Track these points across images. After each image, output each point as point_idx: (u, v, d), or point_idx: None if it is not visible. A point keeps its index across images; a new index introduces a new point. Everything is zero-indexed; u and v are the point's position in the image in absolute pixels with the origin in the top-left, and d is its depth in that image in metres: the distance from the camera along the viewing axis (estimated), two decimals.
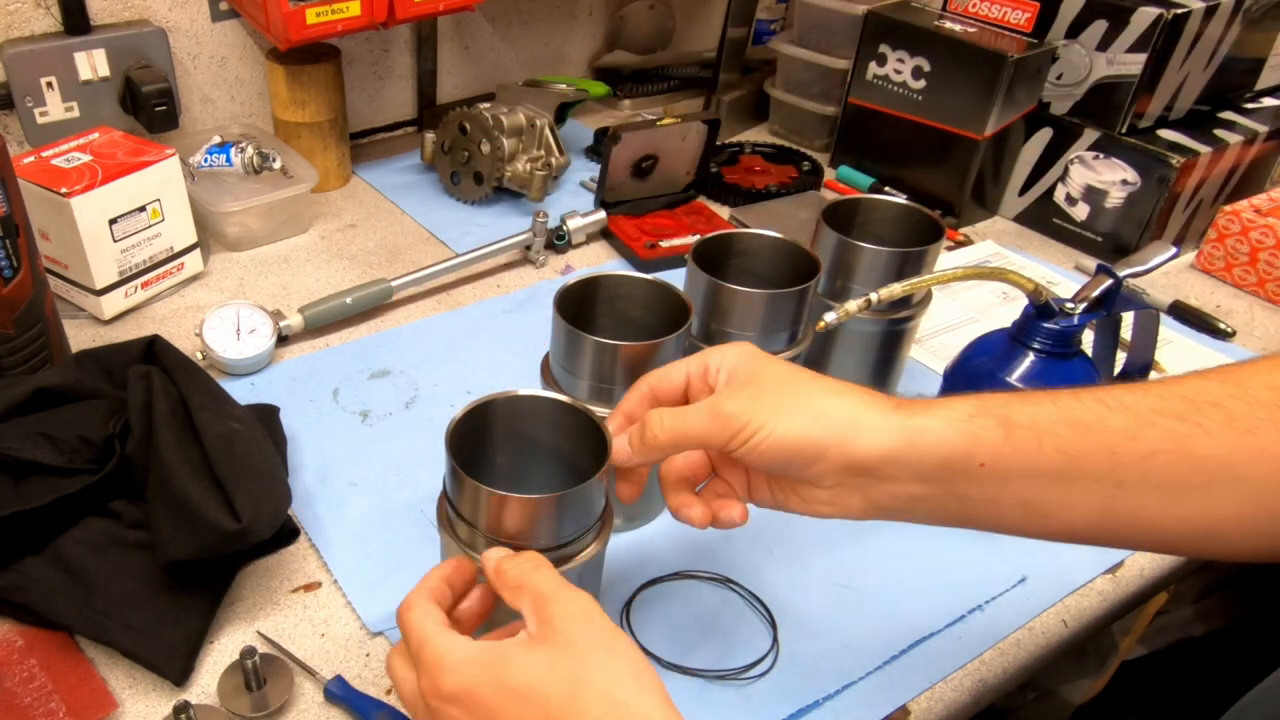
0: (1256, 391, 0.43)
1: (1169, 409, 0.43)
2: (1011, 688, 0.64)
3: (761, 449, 0.46)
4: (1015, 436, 0.44)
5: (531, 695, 0.41)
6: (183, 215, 0.90)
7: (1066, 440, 0.44)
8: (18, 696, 0.54)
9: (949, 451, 0.45)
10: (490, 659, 0.42)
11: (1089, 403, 0.45)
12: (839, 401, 0.47)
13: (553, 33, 1.33)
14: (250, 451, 0.62)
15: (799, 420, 0.46)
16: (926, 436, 0.45)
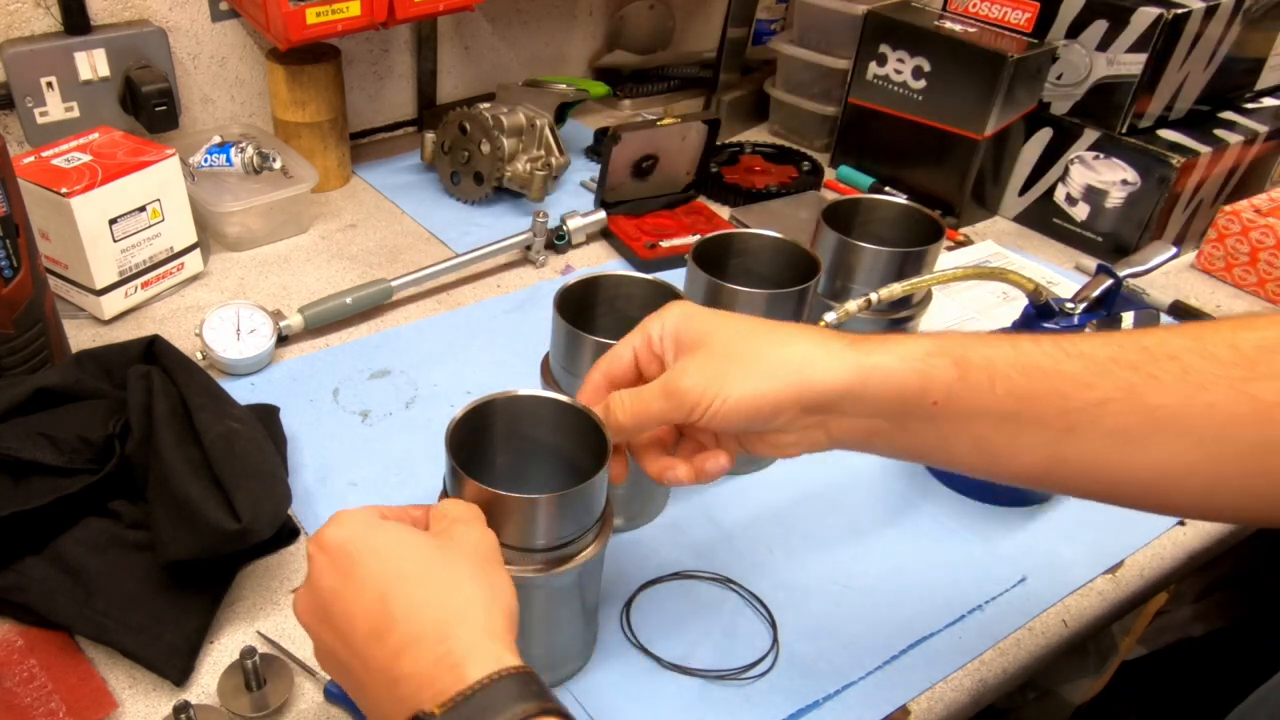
0: (1216, 348, 0.43)
1: (1126, 359, 0.44)
2: (1011, 688, 0.64)
3: (722, 415, 0.47)
4: (969, 377, 0.45)
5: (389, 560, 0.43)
6: (183, 215, 0.90)
7: (1019, 384, 0.45)
8: (18, 696, 0.54)
9: (902, 388, 0.46)
10: (373, 521, 0.45)
11: (1047, 348, 0.45)
12: (789, 351, 0.47)
13: (553, 33, 1.33)
14: (250, 451, 0.62)
15: (752, 381, 0.47)
16: (880, 374, 0.46)
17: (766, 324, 0.50)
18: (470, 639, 0.40)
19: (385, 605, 0.41)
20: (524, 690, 0.39)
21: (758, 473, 0.76)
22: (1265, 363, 0.42)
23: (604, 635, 0.61)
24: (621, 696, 0.58)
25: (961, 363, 0.45)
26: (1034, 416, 0.45)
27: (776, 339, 0.48)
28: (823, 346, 0.47)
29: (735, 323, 0.50)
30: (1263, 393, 0.42)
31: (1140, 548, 0.71)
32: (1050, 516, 0.73)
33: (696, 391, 0.47)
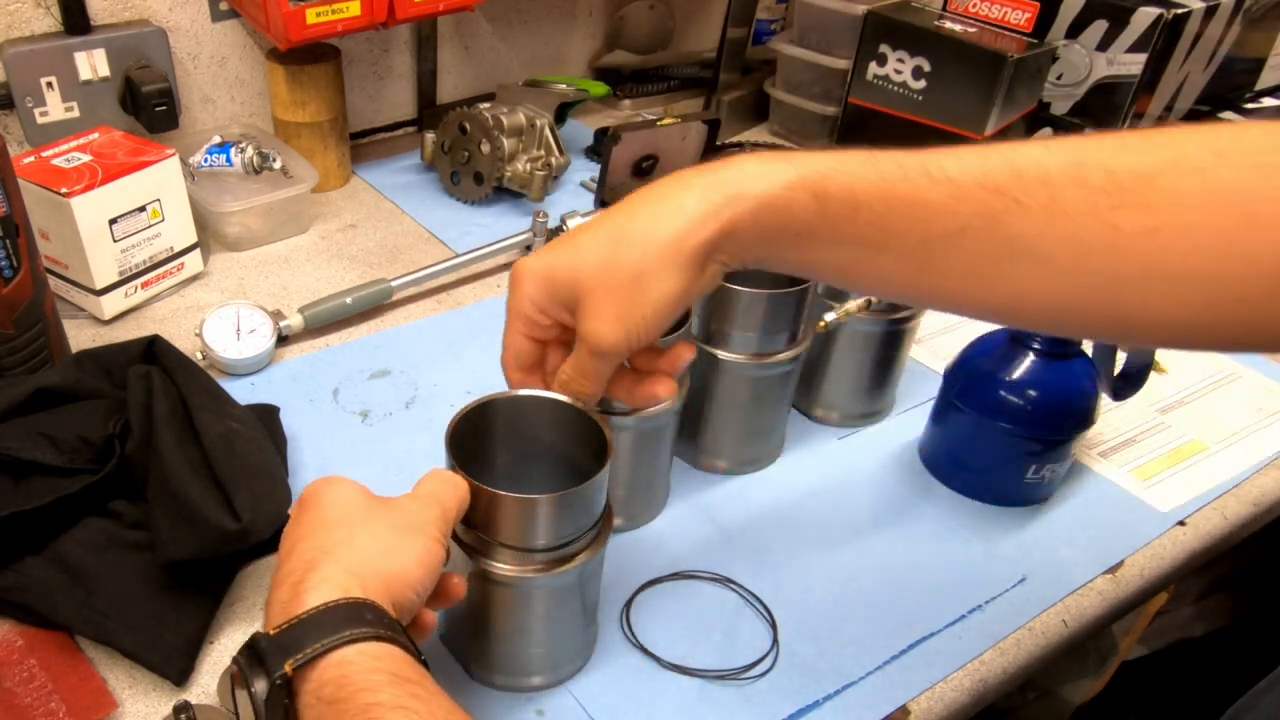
0: (1091, 173, 0.43)
1: (993, 183, 0.44)
2: (1011, 688, 0.64)
3: (649, 333, 0.48)
4: (829, 210, 0.46)
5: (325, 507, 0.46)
6: (183, 215, 0.90)
7: (879, 213, 0.45)
8: (18, 696, 0.54)
9: (767, 227, 0.47)
10: (340, 479, 0.48)
11: (913, 173, 0.45)
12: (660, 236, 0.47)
13: (553, 33, 1.33)
14: (250, 451, 0.62)
15: (652, 295, 0.47)
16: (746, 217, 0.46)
17: (616, 222, 0.49)
18: (327, 572, 0.42)
19: (294, 546, 0.45)
20: (353, 616, 0.40)
21: (758, 473, 0.76)
22: (1136, 191, 0.42)
23: (604, 635, 0.62)
24: (621, 696, 0.58)
25: (821, 196, 0.46)
26: (893, 245, 0.46)
27: (641, 238, 0.47)
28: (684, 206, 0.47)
29: (589, 246, 0.49)
30: (1124, 222, 0.42)
31: (1140, 548, 0.71)
32: (1050, 516, 0.73)
33: (617, 335, 0.48)
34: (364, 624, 0.40)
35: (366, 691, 0.38)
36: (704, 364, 0.70)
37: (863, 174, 0.46)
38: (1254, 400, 0.87)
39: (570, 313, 0.50)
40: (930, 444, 0.77)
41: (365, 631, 0.40)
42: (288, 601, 0.42)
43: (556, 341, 0.54)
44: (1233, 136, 0.42)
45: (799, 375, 0.75)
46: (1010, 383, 0.69)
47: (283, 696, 0.39)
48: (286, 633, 0.40)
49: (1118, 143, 0.44)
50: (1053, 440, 0.70)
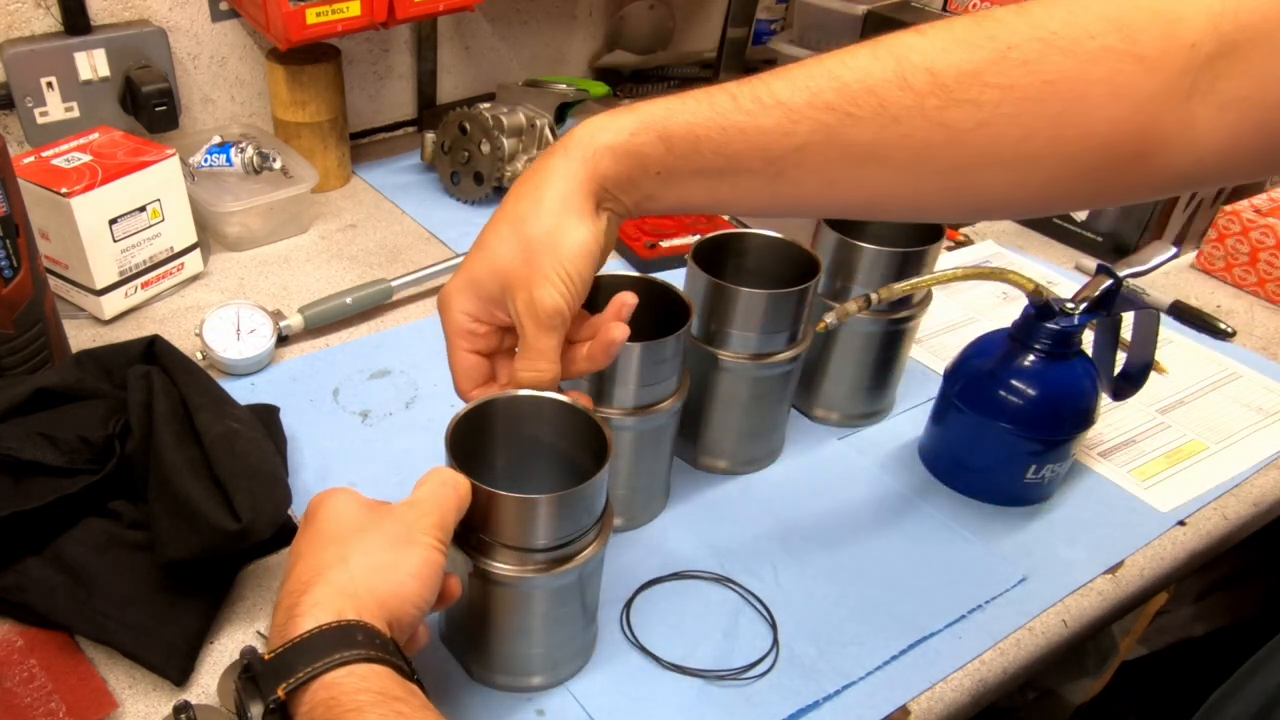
0: (915, 77, 0.45)
1: (823, 101, 0.47)
2: (1011, 688, 0.64)
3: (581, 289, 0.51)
4: (675, 147, 0.49)
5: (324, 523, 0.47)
6: (183, 215, 0.90)
7: (722, 144, 0.48)
8: (18, 696, 0.54)
9: (628, 175, 0.51)
10: (340, 491, 0.49)
11: (746, 103, 0.48)
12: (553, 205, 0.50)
13: (553, 33, 1.33)
14: (250, 451, 0.62)
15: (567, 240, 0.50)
16: (606, 169, 0.50)
17: (506, 211, 0.52)
18: (319, 595, 0.43)
19: (295, 565, 0.46)
20: (343, 639, 0.41)
21: (758, 473, 0.76)
22: (962, 89, 0.44)
23: (604, 635, 0.62)
24: (621, 696, 0.58)
25: (665, 136, 0.49)
26: (743, 169, 0.49)
27: (530, 209, 0.50)
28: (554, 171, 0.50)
29: (494, 240, 0.51)
30: (953, 120, 0.45)
31: (1140, 548, 0.71)
32: (1050, 516, 0.73)
33: (554, 296, 0.50)
34: (354, 646, 0.41)
35: (354, 712, 0.39)
36: (704, 364, 0.70)
37: (699, 110, 0.49)
38: (1254, 400, 0.87)
39: (504, 308, 0.52)
40: (930, 444, 0.77)
41: (355, 654, 0.41)
42: (284, 625, 0.43)
43: (500, 352, 0.56)
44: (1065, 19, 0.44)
45: (799, 375, 0.75)
46: (1010, 383, 0.69)
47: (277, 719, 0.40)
48: (279, 657, 0.41)
49: (945, 40, 0.46)
50: (1053, 440, 0.70)
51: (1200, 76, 0.43)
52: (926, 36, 0.46)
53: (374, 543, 0.46)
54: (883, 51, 0.47)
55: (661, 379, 0.63)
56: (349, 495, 0.49)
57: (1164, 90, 0.43)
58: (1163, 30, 0.43)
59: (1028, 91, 0.44)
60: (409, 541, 0.46)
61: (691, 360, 0.69)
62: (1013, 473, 0.72)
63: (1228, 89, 0.43)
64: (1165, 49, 0.43)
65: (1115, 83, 0.43)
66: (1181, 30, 0.43)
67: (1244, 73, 0.42)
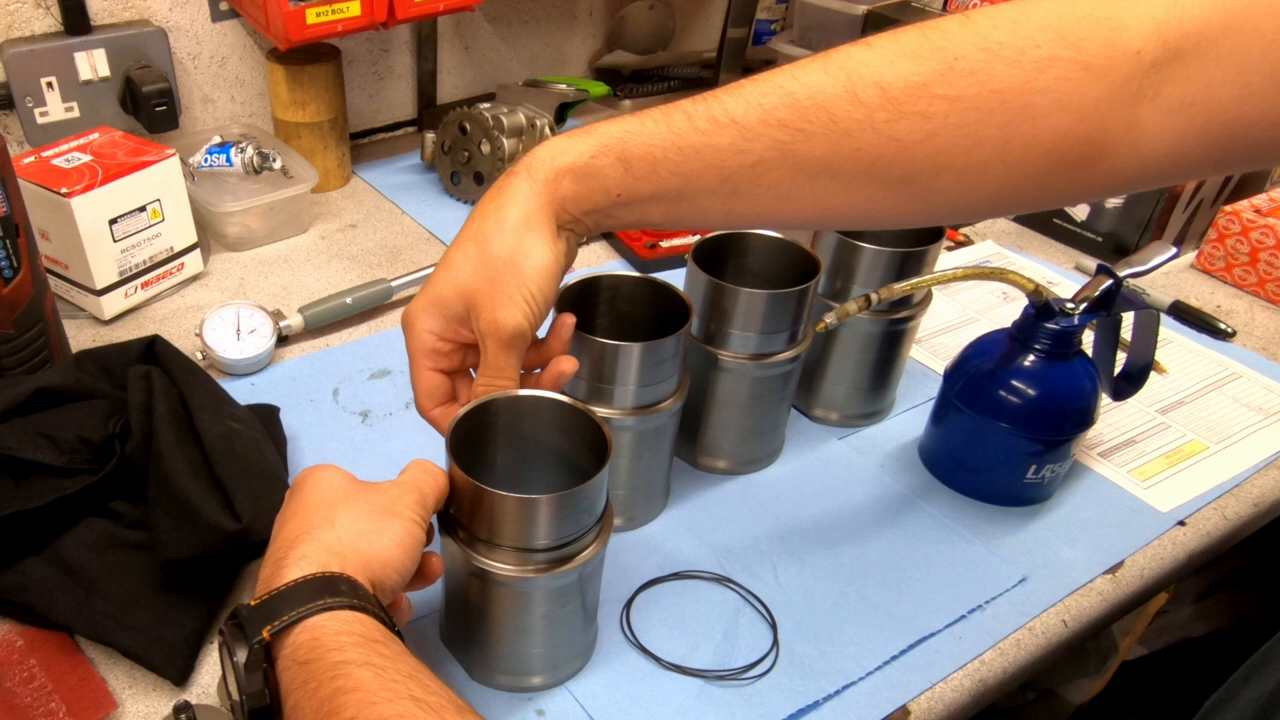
0: (864, 91, 0.46)
1: (775, 118, 0.48)
2: (1011, 688, 0.64)
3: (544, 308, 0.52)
4: (634, 169, 0.50)
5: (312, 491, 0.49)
6: (183, 215, 0.90)
7: (679, 164, 0.49)
8: (18, 696, 0.54)
9: (587, 197, 0.51)
10: (328, 466, 0.51)
11: (701, 122, 0.49)
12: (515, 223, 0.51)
13: (553, 33, 1.33)
14: (250, 451, 0.62)
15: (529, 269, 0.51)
16: (566, 191, 0.51)
17: (471, 229, 0.52)
18: (306, 550, 0.45)
19: (279, 530, 0.48)
20: (326, 587, 0.43)
21: (758, 473, 0.76)
22: (910, 102, 0.45)
23: (604, 635, 0.62)
24: (621, 696, 0.58)
25: (624, 158, 0.50)
26: (700, 188, 0.50)
27: (494, 229, 0.51)
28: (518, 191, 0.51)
29: (459, 259, 0.52)
30: (903, 133, 0.46)
31: (1140, 548, 0.71)
32: (1050, 516, 0.73)
33: (516, 316, 0.51)
34: (337, 594, 0.43)
35: (335, 651, 0.40)
36: (704, 364, 0.70)
37: (656, 131, 0.50)
38: (1254, 400, 0.87)
39: (467, 326, 0.53)
40: (930, 444, 0.77)
41: (338, 601, 0.42)
42: (269, 577, 0.44)
43: (461, 370, 0.57)
44: (1009, 30, 0.45)
45: (799, 375, 0.75)
46: (1010, 383, 0.69)
47: (261, 660, 0.42)
48: (265, 604, 0.42)
49: (892, 53, 0.47)
50: (1053, 440, 0.70)
51: (1146, 82, 0.44)
52: (874, 50, 0.47)
53: (360, 510, 0.48)
54: (833, 66, 0.48)
55: (661, 379, 0.63)
56: (334, 469, 0.51)
57: (1110, 96, 0.44)
58: (1107, 38, 0.44)
59: (975, 102, 0.45)
60: (392, 513, 0.48)
61: (691, 360, 0.69)
62: (1013, 473, 0.72)
63: (1173, 94, 0.44)
64: (1110, 56, 0.44)
65: (1061, 90, 0.44)
66: (1126, 37, 0.44)
67: (1189, 78, 0.43)
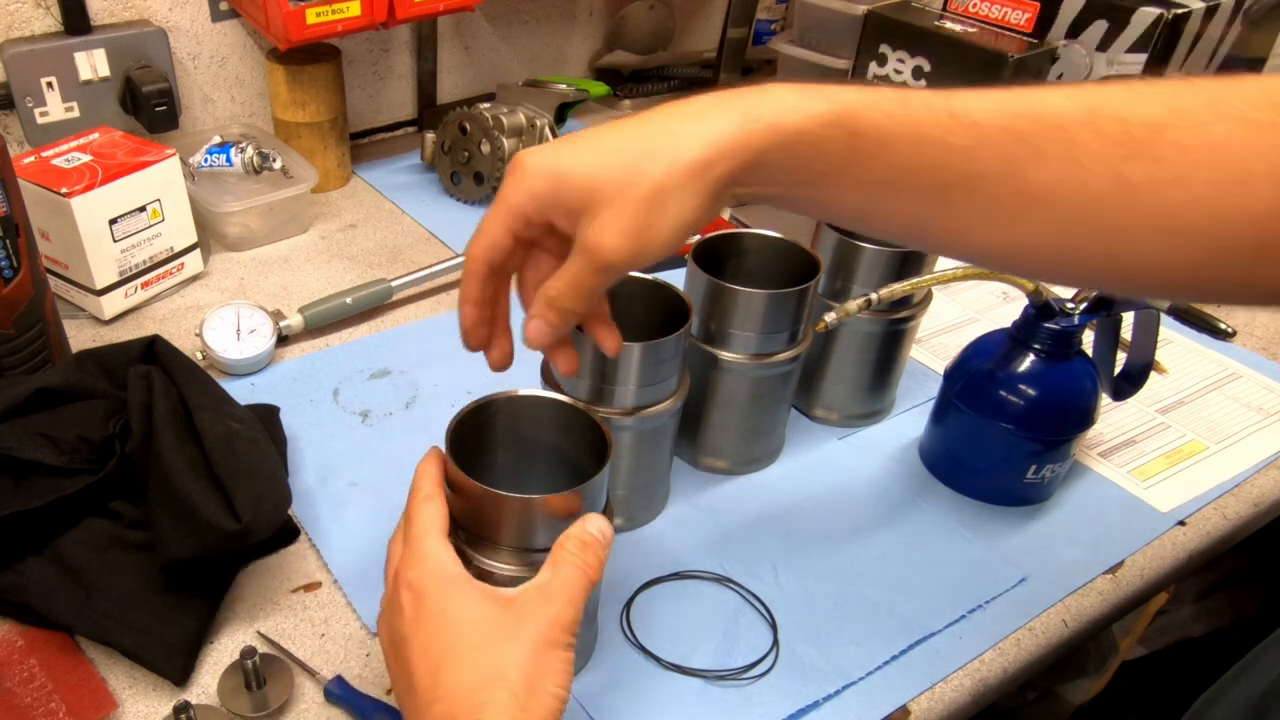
0: (1106, 123, 0.43)
1: (1016, 128, 0.44)
2: (1011, 688, 0.64)
3: (654, 256, 0.47)
4: (859, 147, 0.45)
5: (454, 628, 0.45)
6: (183, 215, 0.90)
7: (905, 155, 0.45)
8: (18, 696, 0.54)
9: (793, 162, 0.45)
10: (454, 580, 0.47)
11: (941, 115, 0.44)
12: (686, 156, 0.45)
13: (553, 33, 1.33)
14: (250, 451, 0.62)
15: (670, 215, 0.45)
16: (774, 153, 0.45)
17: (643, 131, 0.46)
18: None
19: (437, 676, 0.44)
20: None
21: (758, 473, 0.76)
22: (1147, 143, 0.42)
23: (604, 635, 0.62)
24: (621, 696, 0.58)
25: (854, 134, 0.45)
26: (913, 187, 0.45)
27: (668, 150, 0.45)
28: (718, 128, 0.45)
29: (611, 151, 0.46)
30: (1134, 174, 0.42)
31: (1140, 548, 0.71)
32: (1050, 516, 0.73)
33: (626, 249, 0.45)
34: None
35: None
36: (704, 364, 0.70)
37: (894, 112, 0.45)
38: (1254, 400, 0.87)
39: (571, 219, 0.46)
40: (930, 444, 0.77)
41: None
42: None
43: (537, 246, 0.51)
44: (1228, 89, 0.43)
45: (799, 375, 0.75)
46: (1010, 383, 0.69)
47: None
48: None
49: (1130, 92, 0.44)
50: (1053, 440, 0.70)
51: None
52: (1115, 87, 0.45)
53: (525, 652, 0.44)
54: (1072, 93, 0.45)
55: (661, 379, 0.63)
56: (470, 586, 0.47)
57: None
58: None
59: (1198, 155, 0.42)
60: (552, 643, 0.45)
61: (691, 360, 0.69)
62: (1013, 473, 0.72)
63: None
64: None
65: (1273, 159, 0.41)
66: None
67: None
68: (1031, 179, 0.43)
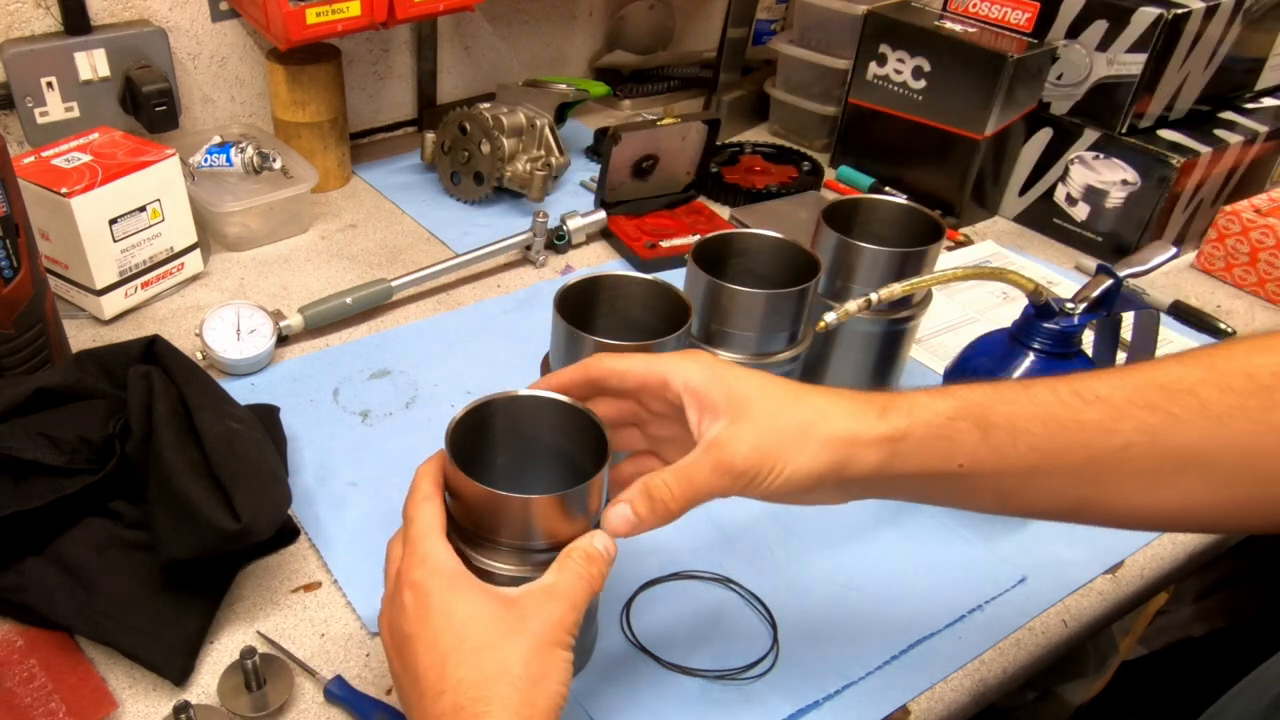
0: (1231, 378, 0.44)
1: (1144, 399, 0.44)
2: (1011, 688, 0.64)
3: (772, 489, 0.47)
4: (992, 438, 0.46)
5: (460, 627, 0.45)
6: (183, 215, 0.90)
7: (1041, 438, 0.45)
8: (18, 696, 0.54)
9: (928, 460, 0.47)
10: (457, 578, 0.47)
11: (1065, 395, 0.46)
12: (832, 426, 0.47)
13: (553, 33, 1.33)
14: (250, 451, 0.62)
15: (806, 456, 0.46)
16: (908, 448, 0.47)
17: (801, 391, 0.49)
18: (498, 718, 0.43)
19: (444, 669, 0.44)
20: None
21: None
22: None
23: (604, 635, 0.62)
24: (621, 696, 0.58)
25: (983, 424, 0.46)
26: (1058, 467, 0.46)
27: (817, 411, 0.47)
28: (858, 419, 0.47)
29: (773, 387, 0.48)
30: None
31: (1140, 548, 0.71)
32: None
33: (753, 469, 0.47)
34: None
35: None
36: None
37: (1018, 399, 0.46)
38: None
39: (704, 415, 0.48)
40: None
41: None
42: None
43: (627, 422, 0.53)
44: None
45: (799, 375, 0.75)
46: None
47: None
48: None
49: (1249, 347, 0.45)
50: None
51: None
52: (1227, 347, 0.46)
53: (529, 649, 0.45)
54: (1189, 359, 0.46)
55: None
56: (473, 584, 0.47)
57: None
58: None
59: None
60: (555, 643, 0.46)
61: None
62: None
63: None
64: None
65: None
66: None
67: None
68: (1176, 442, 0.44)
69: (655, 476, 0.48)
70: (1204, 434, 0.43)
